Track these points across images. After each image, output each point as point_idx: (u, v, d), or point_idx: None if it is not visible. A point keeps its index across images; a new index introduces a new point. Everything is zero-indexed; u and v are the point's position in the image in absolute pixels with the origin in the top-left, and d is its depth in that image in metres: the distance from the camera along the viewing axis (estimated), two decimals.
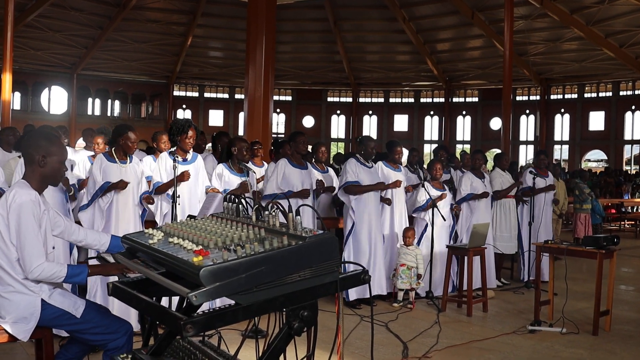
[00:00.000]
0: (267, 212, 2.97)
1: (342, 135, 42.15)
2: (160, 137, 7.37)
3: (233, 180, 6.69)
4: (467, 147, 37.77)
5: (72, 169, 6.56)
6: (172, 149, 6.26)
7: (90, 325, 3.58)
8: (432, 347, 5.82)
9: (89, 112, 38.96)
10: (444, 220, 7.91)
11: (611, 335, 6.41)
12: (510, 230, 9.16)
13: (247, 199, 3.30)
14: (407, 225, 8.00)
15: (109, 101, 39.72)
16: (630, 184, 21.58)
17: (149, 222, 6.35)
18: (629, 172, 28.35)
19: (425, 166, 9.38)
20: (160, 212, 6.29)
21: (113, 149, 5.98)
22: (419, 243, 7.95)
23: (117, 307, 5.20)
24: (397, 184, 7.77)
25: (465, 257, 7.38)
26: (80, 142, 9.93)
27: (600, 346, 6.00)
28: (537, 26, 30.90)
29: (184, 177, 6.13)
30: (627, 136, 35.15)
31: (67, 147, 7.75)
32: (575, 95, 36.91)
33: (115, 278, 3.61)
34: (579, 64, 33.89)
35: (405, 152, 11.09)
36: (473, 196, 8.58)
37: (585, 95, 36.66)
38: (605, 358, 5.67)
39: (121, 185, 5.75)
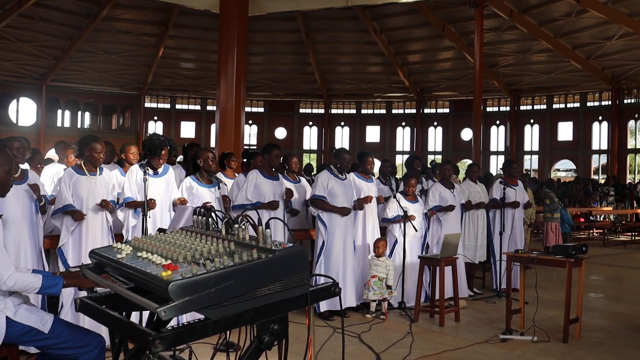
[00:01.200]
0: (236, 226, 2.95)
1: (315, 147, 42.17)
2: (128, 148, 7.28)
3: (202, 193, 6.59)
4: (439, 157, 38.01)
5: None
6: (144, 162, 6.18)
7: (59, 340, 3.50)
8: (405, 357, 5.82)
9: (59, 124, 38.45)
10: (416, 231, 7.93)
11: (581, 342, 6.47)
12: (478, 240, 9.21)
13: (217, 212, 3.28)
14: (380, 236, 8.01)
15: (79, 113, 39.23)
16: (598, 192, 21.87)
17: (116, 235, 6.27)
18: (597, 182, 28.76)
19: (398, 177, 9.40)
20: (127, 225, 6.21)
21: (82, 161, 5.92)
22: (391, 254, 7.97)
23: (88, 321, 5.10)
24: (367, 199, 7.77)
25: (437, 268, 7.41)
26: (53, 155, 9.79)
27: (570, 354, 6.06)
28: (506, 38, 31.32)
29: (149, 205, 6.04)
30: (595, 146, 35.66)
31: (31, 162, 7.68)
32: (544, 106, 37.37)
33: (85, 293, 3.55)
34: (548, 75, 34.37)
35: (378, 163, 11.11)
36: (440, 209, 8.59)
37: (554, 106, 37.14)
38: None
39: (77, 217, 5.74)
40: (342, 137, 41.78)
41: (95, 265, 3.26)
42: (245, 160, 9.17)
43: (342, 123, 42.00)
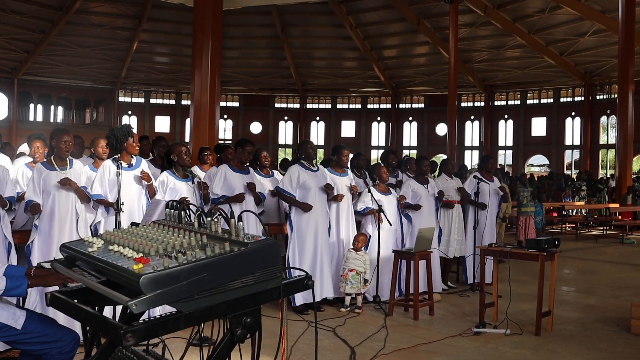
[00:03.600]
0: (209, 219, 2.94)
1: (290, 142, 42.15)
2: (97, 142, 7.14)
3: (180, 187, 6.55)
4: (414, 152, 38.23)
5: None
6: (116, 156, 6.10)
7: (31, 336, 3.46)
8: (379, 351, 5.84)
9: (31, 119, 38.00)
10: (390, 225, 7.94)
11: (553, 335, 6.54)
12: (456, 234, 9.23)
13: (189, 205, 3.26)
14: (353, 230, 8.02)
15: (52, 107, 38.84)
16: (570, 187, 22.10)
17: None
18: (570, 176, 29.09)
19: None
20: (94, 221, 6.12)
21: (52, 156, 5.84)
22: (365, 247, 7.97)
23: (62, 317, 5.03)
24: (338, 198, 7.77)
25: (412, 262, 7.44)
26: (25, 149, 9.66)
27: (542, 346, 6.12)
28: (481, 34, 31.57)
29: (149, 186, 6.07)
30: (568, 141, 36.05)
31: (5, 158, 7.58)
32: (518, 102, 37.73)
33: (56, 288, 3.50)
34: (522, 71, 34.70)
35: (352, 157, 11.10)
36: (408, 206, 8.55)
37: (528, 101, 37.51)
38: (547, 357, 5.78)
39: (32, 210, 5.65)
40: (317, 132, 41.84)
41: (66, 259, 3.22)
42: (218, 155, 9.14)
43: (318, 118, 42.05)
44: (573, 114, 35.68)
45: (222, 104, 36.45)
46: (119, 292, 2.53)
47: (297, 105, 41.90)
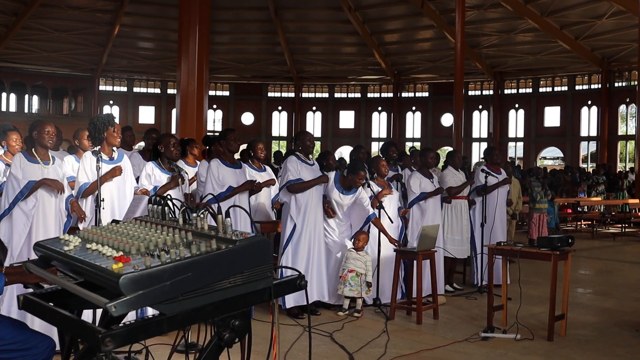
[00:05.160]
0: (195, 215, 2.93)
1: (284, 133, 42.06)
2: (82, 133, 7.15)
3: (163, 180, 6.66)
4: (417, 144, 38.15)
5: None
6: (96, 148, 6.09)
7: (2, 343, 3.45)
8: (380, 357, 5.86)
9: (3, 109, 37.90)
10: (391, 222, 7.94)
11: (567, 340, 6.56)
12: (462, 233, 9.21)
13: (174, 201, 3.25)
14: (346, 231, 8.02)
15: (27, 96, 38.70)
16: (585, 182, 22.08)
17: (72, 227, 6.20)
18: (586, 170, 29.04)
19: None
20: (88, 217, 6.13)
21: (32, 149, 5.83)
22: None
23: (37, 323, 5.02)
24: (331, 214, 7.78)
25: (415, 261, 7.44)
26: None
27: (555, 352, 6.14)
28: (489, 17, 31.45)
29: (115, 172, 6.02)
30: (584, 132, 35.98)
31: None
32: (529, 90, 37.64)
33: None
34: (534, 56, 34.62)
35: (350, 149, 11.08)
36: (427, 195, 8.58)
37: (540, 89, 37.41)
38: None
39: (55, 185, 5.65)
40: (314, 123, 41.76)
41: (40, 258, 3.21)
42: (207, 147, 9.14)
43: (314, 108, 41.95)
44: (589, 102, 35.61)
45: (211, 92, 36.44)
46: (98, 294, 2.52)
47: (291, 94, 41.79)
